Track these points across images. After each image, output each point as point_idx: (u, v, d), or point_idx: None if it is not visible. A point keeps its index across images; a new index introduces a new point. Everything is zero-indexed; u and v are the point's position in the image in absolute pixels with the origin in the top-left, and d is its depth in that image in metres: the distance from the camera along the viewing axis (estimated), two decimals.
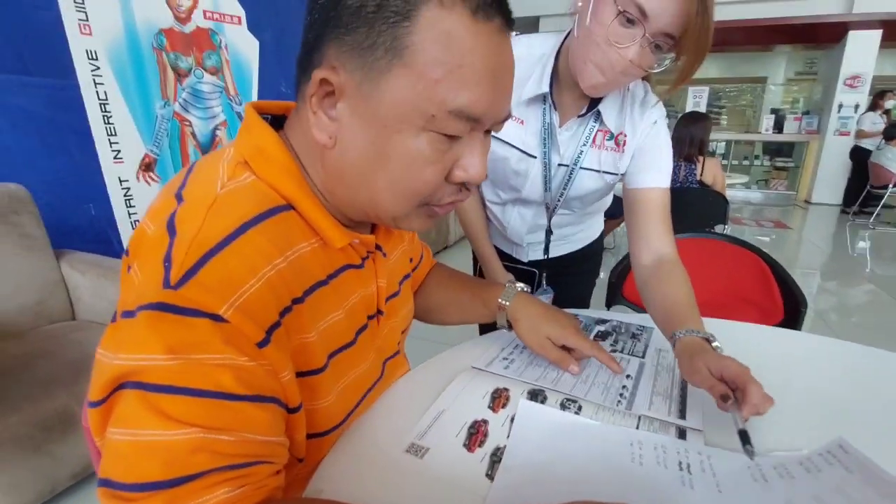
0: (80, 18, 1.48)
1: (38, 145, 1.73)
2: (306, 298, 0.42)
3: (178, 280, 0.33)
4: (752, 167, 7.66)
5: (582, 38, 0.67)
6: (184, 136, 1.76)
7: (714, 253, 1.49)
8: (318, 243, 0.45)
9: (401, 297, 0.62)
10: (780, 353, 0.74)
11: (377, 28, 0.36)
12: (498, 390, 0.58)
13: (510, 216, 0.97)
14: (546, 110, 0.80)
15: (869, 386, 0.63)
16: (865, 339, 0.70)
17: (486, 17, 0.37)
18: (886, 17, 5.49)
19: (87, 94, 1.52)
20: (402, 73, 0.37)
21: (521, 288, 0.70)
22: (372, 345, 0.54)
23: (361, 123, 0.39)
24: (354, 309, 0.50)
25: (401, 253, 0.63)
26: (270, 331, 0.37)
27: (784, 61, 7.92)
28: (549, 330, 0.64)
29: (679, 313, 0.66)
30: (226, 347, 0.34)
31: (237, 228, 0.37)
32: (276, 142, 0.43)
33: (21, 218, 1.52)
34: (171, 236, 0.36)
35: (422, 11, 0.35)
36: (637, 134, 0.80)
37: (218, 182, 0.40)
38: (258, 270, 0.37)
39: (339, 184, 0.43)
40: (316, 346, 0.43)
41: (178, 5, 1.71)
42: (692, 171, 2.63)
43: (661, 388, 0.61)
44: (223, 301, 0.34)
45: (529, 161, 0.84)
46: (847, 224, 5.28)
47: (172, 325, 0.33)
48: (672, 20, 0.60)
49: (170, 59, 1.71)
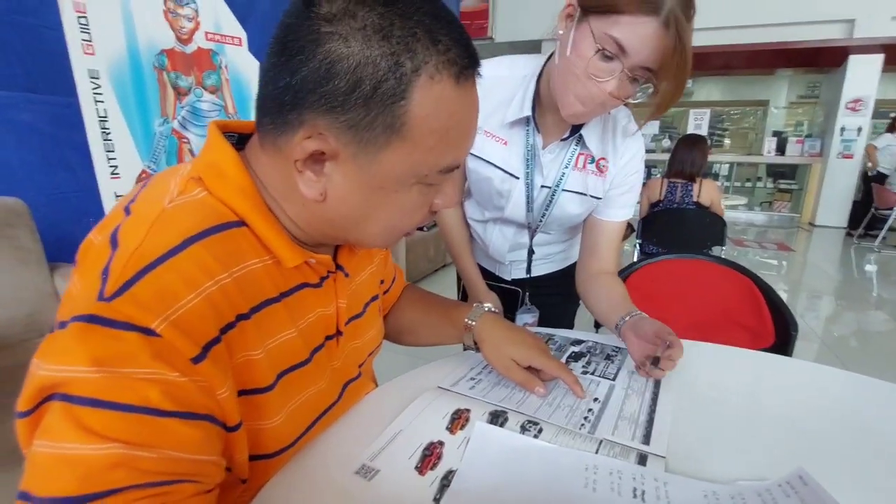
0: (84, 39, 1.53)
1: (40, 160, 1.76)
2: (253, 315, 0.42)
3: (113, 293, 0.34)
4: (756, 189, 7.66)
5: (562, 68, 0.69)
6: (181, 152, 1.79)
7: (706, 274, 1.48)
8: (272, 260, 0.45)
9: (365, 319, 0.61)
10: (757, 379, 0.73)
11: (374, 108, 0.37)
12: (458, 411, 0.58)
13: (492, 234, 0.97)
14: (529, 132, 0.81)
15: (846, 414, 0.62)
16: (872, 365, 0.68)
17: (466, 78, 0.40)
18: (887, 41, 5.54)
19: (87, 112, 1.55)
20: (398, 146, 0.39)
21: (489, 308, 0.69)
22: (328, 365, 0.54)
23: (355, 185, 0.41)
24: (311, 328, 0.50)
25: (368, 274, 0.63)
26: (208, 347, 0.37)
27: (786, 85, 7.97)
28: (514, 351, 0.63)
29: (620, 306, 0.80)
30: (155, 362, 0.33)
31: (179, 244, 0.37)
32: (234, 160, 0.43)
33: (17, 231, 1.54)
34: (113, 249, 0.36)
35: (415, 88, 0.37)
36: (618, 161, 0.82)
37: (167, 197, 0.40)
38: (198, 286, 0.37)
39: (325, 225, 0.45)
40: (262, 364, 0.43)
41: (181, 27, 1.76)
42: (689, 192, 2.63)
43: (628, 413, 0.60)
44: (156, 315, 0.34)
45: (512, 181, 0.85)
46: (852, 247, 5.23)
47: (101, 338, 0.33)
48: (650, 55, 0.61)
49: (170, 79, 1.75)
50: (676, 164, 2.65)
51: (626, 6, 0.59)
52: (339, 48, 0.36)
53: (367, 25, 0.36)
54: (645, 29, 0.59)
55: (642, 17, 0.59)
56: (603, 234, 0.88)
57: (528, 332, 0.68)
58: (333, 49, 0.36)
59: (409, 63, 0.37)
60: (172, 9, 1.73)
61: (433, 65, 0.37)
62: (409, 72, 0.37)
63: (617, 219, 0.86)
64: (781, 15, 5.86)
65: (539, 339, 0.67)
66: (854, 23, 5.68)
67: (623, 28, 0.60)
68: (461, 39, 0.39)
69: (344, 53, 0.36)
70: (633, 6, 0.59)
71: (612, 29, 0.60)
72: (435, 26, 0.38)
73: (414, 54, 0.37)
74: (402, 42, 0.36)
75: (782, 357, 0.83)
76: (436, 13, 0.38)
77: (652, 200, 2.77)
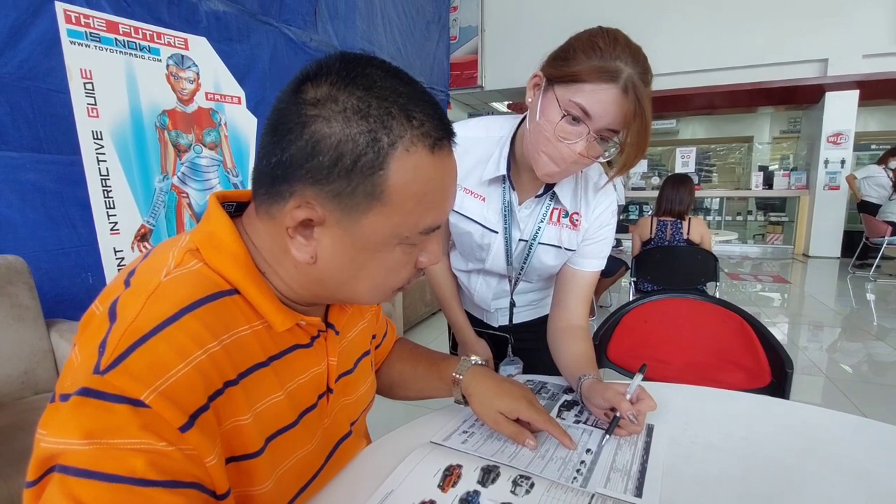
0: (89, 103, 1.60)
1: (43, 217, 1.81)
2: (241, 381, 0.43)
3: (108, 366, 0.35)
4: (747, 222, 7.77)
5: (534, 132, 0.73)
6: (180, 207, 1.84)
7: (698, 314, 1.49)
8: (264, 325, 0.47)
9: (355, 376, 0.62)
10: (751, 423, 0.73)
11: (355, 179, 0.41)
12: (450, 467, 0.58)
13: (476, 283, 1.00)
14: (505, 189, 0.85)
15: (843, 457, 0.61)
16: (878, 398, 0.67)
17: (440, 147, 0.44)
18: (861, 78, 5.79)
19: (90, 171, 1.60)
20: (379, 211, 0.42)
21: (476, 361, 0.70)
22: (319, 425, 0.54)
23: (342, 247, 0.44)
24: (300, 390, 0.51)
25: (359, 331, 0.64)
26: (196, 415, 0.38)
27: (768, 121, 8.26)
28: (502, 404, 0.64)
29: (582, 364, 0.80)
30: (143, 433, 0.35)
31: (172, 315, 0.39)
32: (230, 230, 0.46)
33: (15, 288, 1.55)
34: (111, 321, 0.39)
35: (392, 160, 0.41)
36: (590, 215, 0.86)
37: (164, 270, 0.43)
38: (188, 355, 0.38)
39: (316, 285, 0.48)
40: (251, 429, 0.44)
41: (182, 89, 1.85)
42: (679, 230, 2.68)
43: (620, 464, 0.60)
44: (146, 387, 0.35)
45: (492, 235, 0.88)
46: (848, 277, 5.26)
47: (94, 411, 0.34)
48: (613, 119, 0.66)
49: (171, 137, 1.82)
50: (665, 203, 2.71)
51: (587, 76, 0.64)
52: (322, 128, 0.40)
53: (347, 108, 0.40)
54: (605, 95, 0.64)
55: (602, 84, 0.64)
56: (575, 284, 0.90)
57: (516, 384, 0.68)
58: (318, 129, 0.40)
59: (386, 138, 0.41)
60: (174, 72, 1.83)
61: (408, 138, 0.41)
62: (386, 146, 0.41)
63: (589, 269, 0.89)
64: (758, 57, 6.15)
65: (527, 391, 0.67)
66: (827, 62, 5.97)
67: (586, 95, 0.65)
68: (435, 114, 0.43)
69: (326, 133, 0.40)
70: (593, 76, 0.64)
71: (576, 96, 0.66)
72: (409, 105, 0.42)
73: (390, 130, 0.41)
74: (378, 120, 0.40)
75: (776, 399, 0.83)
76: (411, 94, 0.43)
77: (643, 239, 2.82)
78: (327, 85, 0.41)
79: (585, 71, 0.64)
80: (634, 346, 1.39)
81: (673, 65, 6.45)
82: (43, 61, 1.75)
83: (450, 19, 5.60)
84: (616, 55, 0.64)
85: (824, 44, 5.90)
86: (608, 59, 0.64)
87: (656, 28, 6.42)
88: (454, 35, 6.89)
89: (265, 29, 2.78)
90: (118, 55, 1.67)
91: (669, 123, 8.31)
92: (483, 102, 8.45)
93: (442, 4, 5.18)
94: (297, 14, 3.10)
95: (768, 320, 3.64)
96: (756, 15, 6.08)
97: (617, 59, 0.64)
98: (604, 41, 0.65)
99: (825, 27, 5.85)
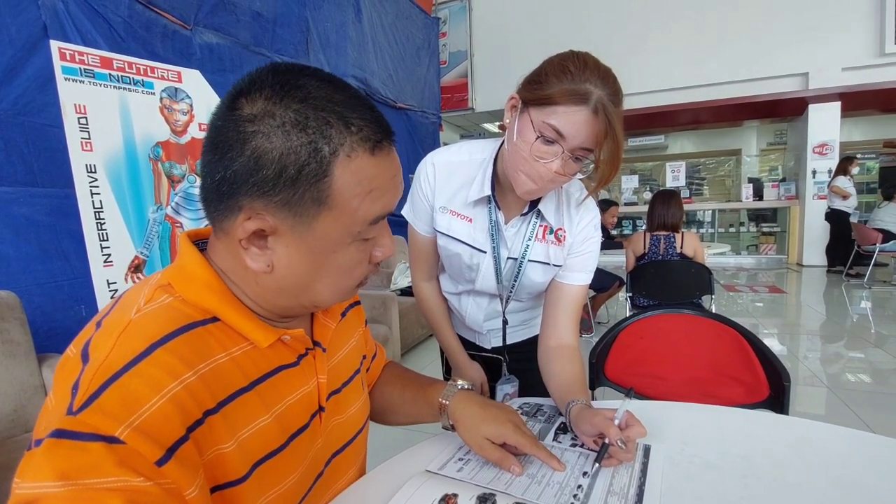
0: (82, 137, 1.62)
1: (37, 251, 1.81)
2: (221, 409, 0.43)
3: (80, 406, 0.36)
4: (740, 234, 7.83)
5: (511, 152, 0.76)
6: (174, 238, 1.84)
7: (694, 328, 1.49)
8: (243, 351, 0.47)
9: (344, 395, 0.62)
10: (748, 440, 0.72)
11: (301, 187, 0.42)
12: (446, 496, 0.57)
13: (467, 305, 1.00)
14: (491, 209, 0.87)
15: (841, 472, 0.61)
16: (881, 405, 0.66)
17: (380, 149, 0.45)
18: (842, 90, 5.94)
19: (83, 204, 1.61)
20: (328, 214, 0.43)
21: (462, 386, 0.70)
22: (311, 447, 0.54)
23: (297, 252, 0.45)
24: (289, 411, 0.51)
25: (349, 350, 0.65)
26: (174, 448, 0.38)
27: (755, 134, 8.41)
28: (488, 430, 0.63)
29: (572, 388, 0.79)
30: (119, 470, 0.34)
31: (143, 351, 0.39)
32: (199, 261, 0.47)
33: (7, 324, 1.54)
34: (84, 363, 0.39)
35: (335, 166, 0.42)
36: (573, 231, 0.88)
37: (134, 308, 0.43)
38: (162, 388, 0.38)
39: (278, 296, 0.48)
40: (234, 456, 0.44)
41: (176, 121, 1.87)
42: (672, 244, 2.70)
43: (617, 487, 0.60)
44: (120, 423, 0.35)
45: (480, 256, 0.89)
46: (843, 285, 5.28)
47: (68, 451, 0.34)
48: (585, 139, 0.69)
49: (164, 168, 1.84)
50: (657, 218, 2.74)
51: (559, 99, 0.67)
52: (263, 143, 0.41)
53: (285, 122, 0.41)
54: (577, 117, 0.67)
55: (573, 107, 0.67)
56: (563, 300, 0.90)
57: (503, 408, 0.68)
58: (258, 145, 0.41)
59: (327, 147, 0.42)
60: (168, 104, 1.85)
61: (348, 145, 0.43)
62: (328, 154, 0.42)
63: (576, 282, 0.90)
64: (741, 72, 6.32)
65: (513, 414, 0.67)
66: (808, 75, 6.12)
67: (559, 117, 0.68)
68: (372, 118, 0.45)
69: (268, 147, 0.41)
70: (564, 98, 0.67)
71: (550, 118, 0.68)
72: (346, 112, 0.43)
73: (330, 139, 0.42)
74: (317, 131, 0.41)
75: (774, 414, 0.83)
76: (346, 101, 0.44)
77: (637, 254, 2.83)
78: (262, 99, 0.41)
79: (557, 94, 0.67)
80: (631, 364, 1.38)
81: (659, 82, 6.61)
82: (38, 97, 1.78)
83: (439, 44, 5.72)
84: (586, 78, 0.67)
85: (805, 58, 6.07)
86: (578, 81, 0.66)
87: (642, 48, 6.59)
88: (444, 59, 7.05)
89: (258, 59, 2.84)
90: (112, 90, 1.69)
91: (658, 139, 8.44)
92: (474, 124, 8.59)
93: (431, 30, 5.31)
94: (289, 44, 3.17)
95: (766, 331, 3.64)
96: (737, 32, 6.26)
97: (586, 81, 0.66)
98: (574, 65, 0.68)
99: (805, 42, 6.03)
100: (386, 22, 4.40)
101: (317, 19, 3.41)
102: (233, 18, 2.69)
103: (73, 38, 1.85)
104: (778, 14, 6.08)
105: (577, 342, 0.90)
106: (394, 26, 4.53)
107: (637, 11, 6.57)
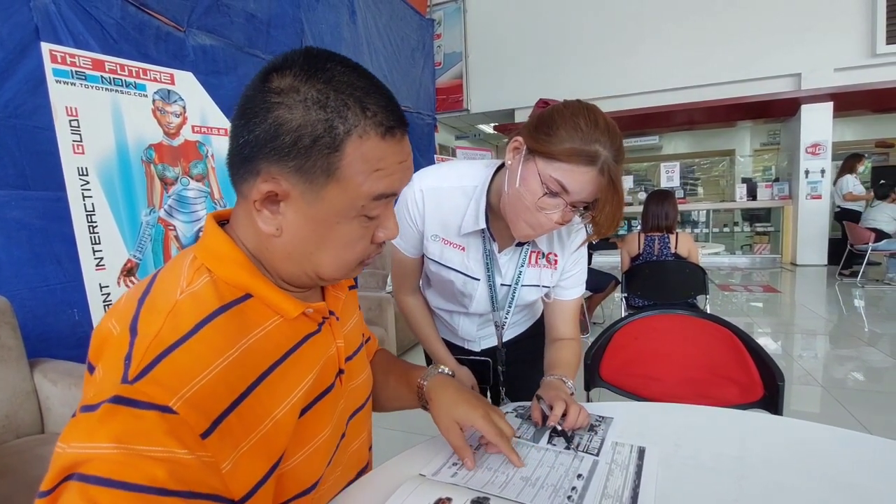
0: (74, 139, 1.60)
1: (28, 255, 1.79)
2: (264, 380, 0.47)
3: (136, 375, 0.38)
4: (734, 233, 7.87)
5: (513, 198, 0.77)
6: (167, 240, 1.83)
7: (688, 329, 1.49)
8: (275, 324, 0.51)
9: (357, 361, 0.66)
10: (743, 441, 0.72)
11: (313, 156, 0.45)
12: (440, 501, 0.57)
13: (459, 321, 1.03)
14: (486, 240, 0.89)
15: (836, 473, 0.61)
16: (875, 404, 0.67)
17: (392, 135, 0.48)
18: (834, 91, 5.98)
19: (75, 207, 1.59)
20: (336, 186, 0.47)
21: (443, 370, 0.72)
22: (336, 406, 0.59)
23: (304, 219, 0.48)
24: (320, 374, 0.56)
25: (354, 324, 0.68)
26: (218, 420, 0.41)
27: (748, 135, 8.46)
28: (458, 412, 0.65)
29: (557, 365, 0.89)
30: (167, 438, 0.37)
31: (191, 329, 0.43)
32: (226, 241, 0.51)
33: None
34: (133, 336, 0.42)
35: (347, 144, 0.46)
36: (566, 254, 0.91)
37: (178, 289, 0.47)
38: (209, 364, 0.42)
39: (285, 261, 0.51)
40: (287, 419, 0.49)
41: (168, 123, 1.86)
42: (666, 245, 2.71)
43: (612, 490, 0.60)
44: (173, 394, 0.38)
45: (474, 283, 0.92)
46: (836, 284, 5.32)
47: (124, 417, 0.37)
48: (589, 195, 0.71)
49: (157, 170, 1.82)
50: (651, 219, 2.75)
51: (568, 158, 0.69)
52: (284, 114, 0.44)
53: (307, 99, 0.45)
54: (583, 175, 0.69)
55: (582, 167, 0.69)
56: (562, 312, 0.98)
57: (479, 396, 0.69)
58: (280, 115, 0.45)
59: (342, 126, 0.45)
60: (161, 107, 1.84)
61: (361, 127, 0.46)
62: (342, 133, 0.45)
63: (570, 297, 0.97)
64: (734, 73, 6.36)
65: (487, 404, 0.68)
66: (800, 76, 6.17)
67: (565, 174, 0.70)
68: (388, 106, 0.48)
69: (288, 118, 0.44)
70: (573, 158, 0.68)
71: (556, 173, 0.70)
72: (365, 97, 0.46)
73: (345, 120, 0.45)
74: (335, 111, 0.45)
75: (768, 415, 0.84)
76: (367, 87, 0.47)
77: (632, 254, 2.84)
78: (291, 76, 0.45)
79: (567, 153, 0.69)
80: (626, 364, 1.38)
81: (653, 83, 6.64)
82: (29, 100, 1.76)
83: (434, 46, 5.72)
84: (595, 138, 0.68)
85: (797, 59, 6.12)
86: (589, 141, 0.68)
87: (636, 49, 6.62)
88: (439, 61, 7.04)
89: (252, 61, 2.82)
90: (104, 92, 1.68)
91: (652, 140, 8.48)
92: (469, 125, 8.60)
93: (426, 32, 5.31)
94: (284, 45, 3.16)
95: (761, 331, 3.66)
96: (731, 33, 6.30)
97: (596, 142, 0.68)
98: (585, 122, 0.69)
99: (797, 43, 6.08)
100: (380, 23, 4.39)
101: (311, 21, 3.40)
102: (227, 20, 2.67)
103: (65, 40, 1.83)
104: (771, 16, 6.12)
105: (576, 335, 0.99)
106: (388, 28, 4.53)
107: (631, 14, 6.60)
